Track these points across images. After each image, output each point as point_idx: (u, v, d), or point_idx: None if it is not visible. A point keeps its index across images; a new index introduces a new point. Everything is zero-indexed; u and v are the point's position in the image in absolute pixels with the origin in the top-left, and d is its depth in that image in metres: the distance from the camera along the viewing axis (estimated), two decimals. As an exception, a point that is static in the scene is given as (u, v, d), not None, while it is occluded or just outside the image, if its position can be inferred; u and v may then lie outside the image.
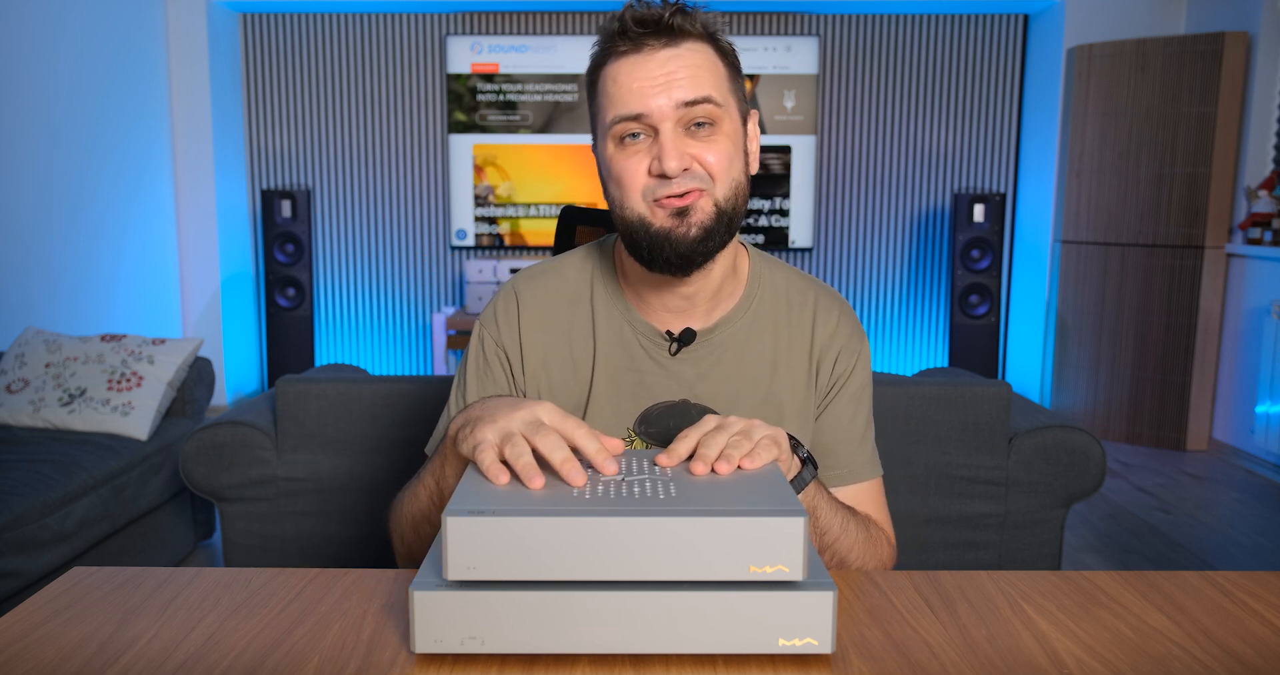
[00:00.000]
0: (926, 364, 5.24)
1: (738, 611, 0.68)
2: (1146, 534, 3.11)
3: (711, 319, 1.07)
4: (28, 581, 2.11)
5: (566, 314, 1.09)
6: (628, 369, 1.07)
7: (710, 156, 0.96)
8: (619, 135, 0.97)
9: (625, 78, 0.96)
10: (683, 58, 0.96)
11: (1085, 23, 4.53)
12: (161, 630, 0.75)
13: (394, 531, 1.03)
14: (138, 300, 4.36)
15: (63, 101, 3.77)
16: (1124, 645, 0.73)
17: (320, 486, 1.72)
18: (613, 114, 0.96)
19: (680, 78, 0.95)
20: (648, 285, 1.05)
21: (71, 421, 2.58)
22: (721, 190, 0.98)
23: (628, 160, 0.97)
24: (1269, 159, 4.02)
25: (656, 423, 1.06)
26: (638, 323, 1.07)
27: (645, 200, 0.97)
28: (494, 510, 0.68)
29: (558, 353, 1.08)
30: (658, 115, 0.95)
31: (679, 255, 0.97)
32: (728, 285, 1.07)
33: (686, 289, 1.04)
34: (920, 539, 1.72)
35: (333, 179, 5.11)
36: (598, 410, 1.06)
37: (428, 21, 5.00)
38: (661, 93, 0.94)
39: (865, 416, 1.12)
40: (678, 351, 1.06)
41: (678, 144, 0.95)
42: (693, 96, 0.95)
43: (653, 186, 0.97)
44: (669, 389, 1.06)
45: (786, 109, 4.97)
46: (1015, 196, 5.07)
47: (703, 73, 0.96)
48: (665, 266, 0.98)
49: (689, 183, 0.96)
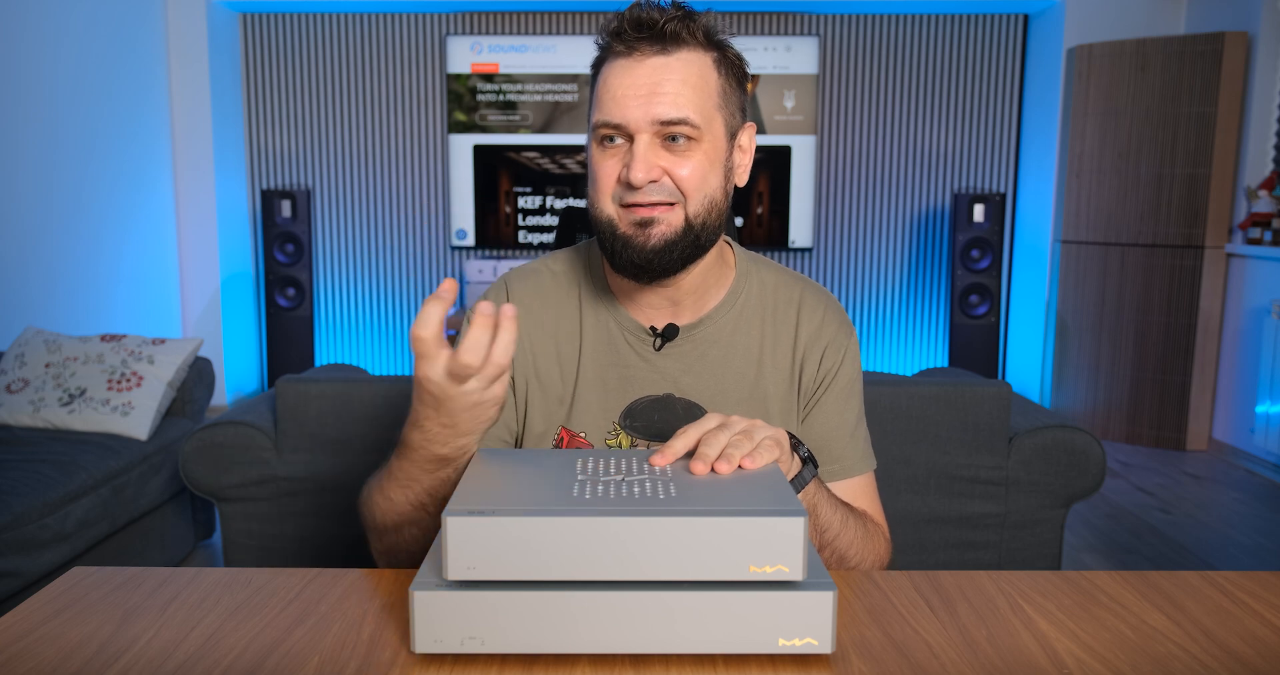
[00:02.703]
0: (926, 364, 5.24)
1: (737, 611, 0.68)
2: (1146, 534, 3.11)
3: (697, 315, 1.08)
4: (28, 581, 2.11)
5: (554, 310, 1.10)
6: (613, 364, 1.07)
7: (683, 171, 0.97)
8: (600, 137, 0.99)
9: (614, 82, 0.96)
10: (672, 69, 0.95)
11: (1085, 23, 4.53)
12: (161, 630, 0.75)
13: (371, 531, 1.01)
14: (138, 300, 4.36)
15: (63, 101, 3.77)
16: (1124, 645, 0.73)
17: (320, 486, 1.72)
18: (597, 117, 0.98)
19: (664, 93, 0.95)
20: (631, 283, 1.06)
21: (71, 421, 2.58)
22: (693, 206, 0.98)
23: (605, 162, 0.99)
24: (1269, 159, 4.02)
25: (641, 417, 1.07)
26: (623, 318, 1.08)
27: (614, 203, 0.99)
28: (494, 510, 0.68)
29: (545, 347, 1.09)
30: (634, 126, 0.95)
31: (634, 264, 0.98)
32: (714, 282, 1.08)
33: (666, 290, 1.05)
34: (920, 539, 1.72)
35: (333, 179, 5.11)
36: (583, 404, 1.07)
37: (428, 21, 5.00)
38: (642, 104, 0.95)
39: (856, 411, 1.13)
40: (662, 346, 1.07)
41: (649, 156, 0.95)
42: (671, 116, 0.95)
43: (620, 192, 0.98)
44: (654, 384, 1.07)
45: (786, 109, 4.97)
46: (1015, 196, 5.07)
47: (688, 89, 0.95)
48: (624, 270, 1.00)
49: (656, 195, 0.97)
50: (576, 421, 1.07)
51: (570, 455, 0.85)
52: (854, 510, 1.04)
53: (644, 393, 1.07)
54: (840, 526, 0.98)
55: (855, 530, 1.01)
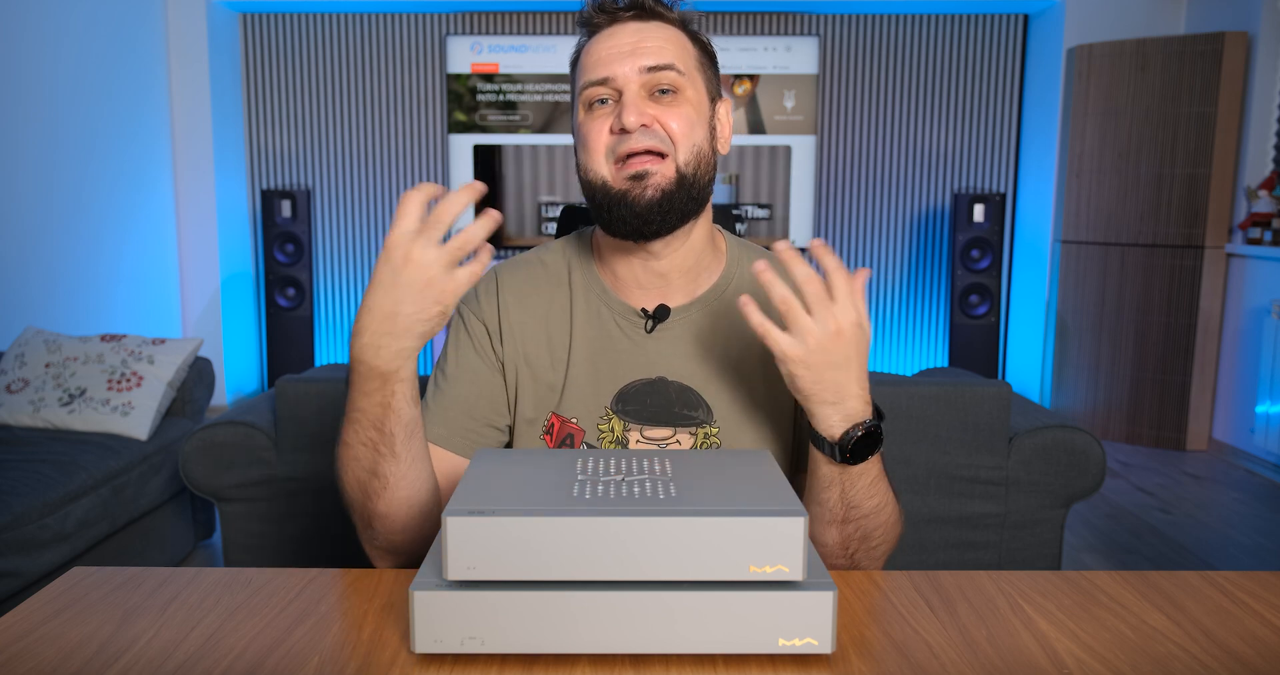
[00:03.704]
0: (926, 364, 5.24)
1: (737, 611, 0.68)
2: (1146, 534, 3.11)
3: (689, 297, 1.08)
4: (28, 581, 2.11)
5: (544, 297, 1.10)
6: (604, 348, 1.08)
7: (672, 121, 1.00)
8: (588, 101, 1.02)
9: (597, 47, 1.02)
10: (652, 31, 1.02)
11: (1085, 23, 4.53)
12: (161, 630, 0.75)
13: (353, 510, 1.00)
14: (138, 300, 4.36)
15: (63, 101, 3.77)
16: (1124, 645, 0.73)
17: (320, 486, 1.72)
18: (583, 80, 1.02)
19: (647, 46, 1.00)
20: (621, 261, 1.07)
21: (71, 421, 2.58)
22: (683, 154, 1.00)
23: (594, 123, 1.01)
24: (1269, 159, 4.02)
25: (634, 400, 1.07)
26: (613, 302, 1.08)
27: (608, 160, 1.00)
28: (494, 510, 0.68)
29: (535, 334, 1.09)
30: (622, 79, 0.99)
31: (635, 215, 0.99)
32: (706, 264, 1.09)
33: (658, 263, 1.05)
34: (920, 539, 1.72)
35: (333, 179, 5.11)
36: (575, 389, 1.07)
37: (428, 21, 5.00)
38: (628, 59, 0.99)
39: None
40: (653, 329, 1.07)
41: (638, 103, 0.99)
42: (655, 62, 0.99)
43: (613, 143, 1.00)
44: (645, 367, 1.07)
45: (786, 109, 4.97)
46: (1015, 196, 5.07)
47: (669, 45, 1.01)
48: (622, 228, 1.00)
49: (647, 140, 0.99)
50: (568, 407, 1.07)
51: (570, 455, 0.85)
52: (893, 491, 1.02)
53: (635, 376, 1.07)
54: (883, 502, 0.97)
55: (894, 509, 0.99)
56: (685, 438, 1.06)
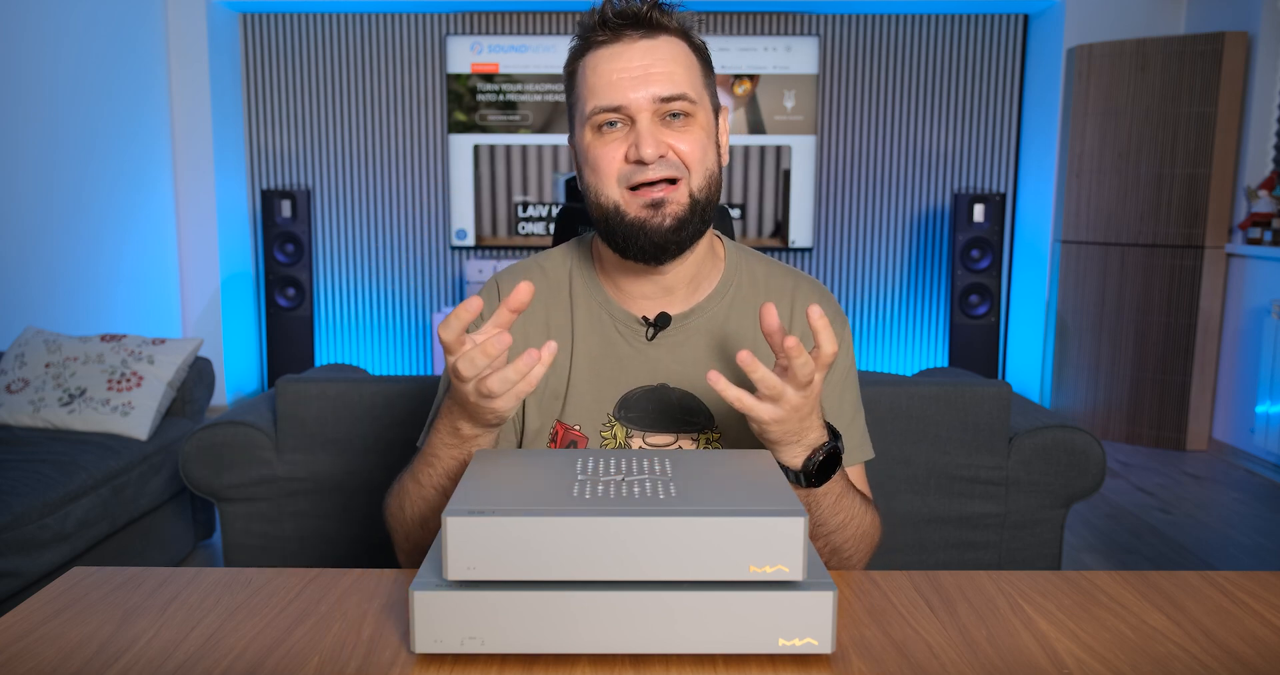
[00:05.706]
0: (926, 364, 5.24)
1: (737, 611, 0.68)
2: (1146, 534, 3.11)
3: (689, 304, 1.09)
4: (28, 581, 2.11)
5: (545, 305, 1.10)
6: (606, 355, 1.08)
7: (685, 146, 1.00)
8: (597, 124, 1.01)
9: (605, 68, 1.00)
10: (660, 51, 1.00)
11: (1085, 23, 4.53)
12: (161, 630, 0.75)
13: (396, 530, 1.03)
14: (138, 300, 4.36)
15: (63, 101, 3.77)
16: (1124, 645, 0.73)
17: (320, 486, 1.72)
18: (592, 104, 1.00)
19: (657, 72, 0.99)
20: (624, 274, 1.07)
21: (71, 421, 2.58)
22: (696, 179, 1.01)
23: (605, 147, 1.00)
24: (1269, 159, 4.01)
25: (636, 407, 1.07)
26: (615, 310, 1.09)
27: (620, 187, 1.00)
28: (494, 510, 0.68)
29: (537, 341, 1.09)
30: (635, 108, 0.99)
31: (654, 244, 1.00)
32: (705, 272, 1.10)
33: (662, 277, 1.06)
34: (920, 539, 1.72)
35: (333, 179, 5.11)
36: (577, 397, 1.07)
37: (428, 21, 5.00)
38: (640, 86, 0.98)
39: (853, 401, 1.13)
40: (654, 336, 1.08)
41: (654, 132, 0.99)
42: (669, 93, 0.99)
43: (628, 172, 1.00)
44: (646, 374, 1.08)
45: (786, 109, 4.97)
46: (1015, 196, 5.07)
47: (678, 68, 1.00)
48: (639, 255, 1.01)
49: (664, 170, 0.99)
50: (571, 415, 1.07)
51: (570, 455, 0.85)
52: (868, 501, 1.05)
53: (637, 383, 1.07)
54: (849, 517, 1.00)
55: (863, 520, 1.02)
56: (687, 444, 1.07)
